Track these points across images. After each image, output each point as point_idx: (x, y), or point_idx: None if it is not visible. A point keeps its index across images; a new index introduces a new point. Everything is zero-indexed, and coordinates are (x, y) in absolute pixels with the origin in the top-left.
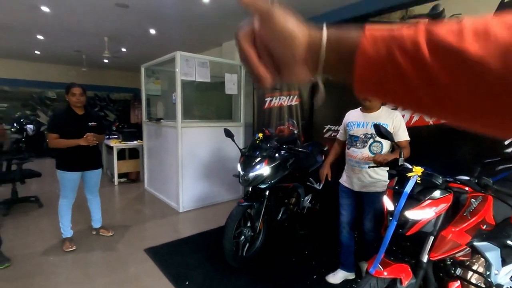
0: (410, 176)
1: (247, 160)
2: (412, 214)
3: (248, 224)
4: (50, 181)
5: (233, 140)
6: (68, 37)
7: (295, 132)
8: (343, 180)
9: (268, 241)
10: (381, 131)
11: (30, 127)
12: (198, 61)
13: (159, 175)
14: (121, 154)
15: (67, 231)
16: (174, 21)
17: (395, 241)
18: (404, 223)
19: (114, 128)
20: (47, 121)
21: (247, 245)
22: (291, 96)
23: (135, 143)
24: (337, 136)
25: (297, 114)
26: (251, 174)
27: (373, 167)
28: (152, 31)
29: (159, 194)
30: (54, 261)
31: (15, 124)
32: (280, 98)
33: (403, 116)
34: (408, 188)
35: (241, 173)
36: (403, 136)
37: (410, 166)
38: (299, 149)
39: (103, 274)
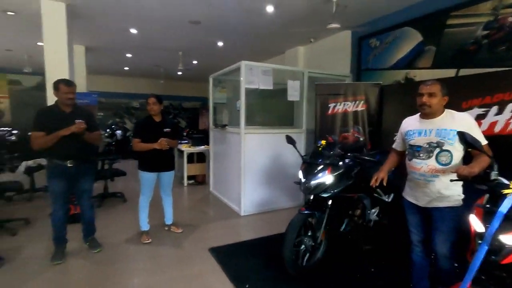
0: (507, 194)
1: (309, 168)
2: (509, 239)
3: (309, 234)
4: (132, 179)
5: (295, 147)
6: (150, 53)
7: (361, 139)
8: (407, 194)
9: (329, 253)
10: (467, 140)
11: (119, 132)
12: (261, 70)
13: (223, 179)
14: (190, 158)
15: (144, 225)
16: (240, 32)
17: (485, 269)
18: (498, 249)
19: (184, 134)
20: (131, 127)
21: (307, 254)
22: (357, 102)
23: (202, 148)
24: (393, 146)
25: (363, 120)
26: (313, 182)
27: (455, 180)
28: (220, 43)
29: (223, 197)
30: (133, 250)
31: (107, 130)
32: (344, 104)
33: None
34: (505, 207)
35: (303, 180)
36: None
37: (506, 182)
38: (365, 157)
39: (172, 267)
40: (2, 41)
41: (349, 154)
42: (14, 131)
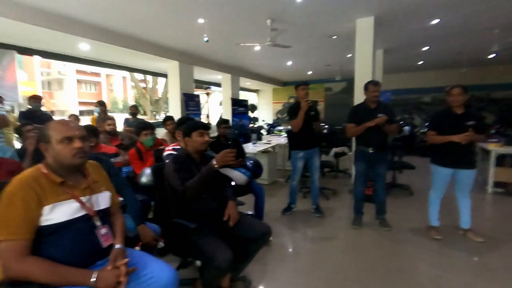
0: None
1: None
2: None
3: None
4: (421, 174)
5: None
6: (452, 41)
7: None
8: None
9: None
10: None
11: (406, 128)
12: None
13: None
14: (501, 161)
15: (434, 220)
16: None
17: None
18: None
19: (493, 131)
20: (420, 123)
21: None
22: None
23: None
24: None
25: None
26: None
27: None
28: None
29: None
30: (420, 241)
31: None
32: None
33: None
34: None
35: None
36: None
37: None
38: None
39: (467, 273)
40: (324, 59)
41: None
42: (326, 126)
